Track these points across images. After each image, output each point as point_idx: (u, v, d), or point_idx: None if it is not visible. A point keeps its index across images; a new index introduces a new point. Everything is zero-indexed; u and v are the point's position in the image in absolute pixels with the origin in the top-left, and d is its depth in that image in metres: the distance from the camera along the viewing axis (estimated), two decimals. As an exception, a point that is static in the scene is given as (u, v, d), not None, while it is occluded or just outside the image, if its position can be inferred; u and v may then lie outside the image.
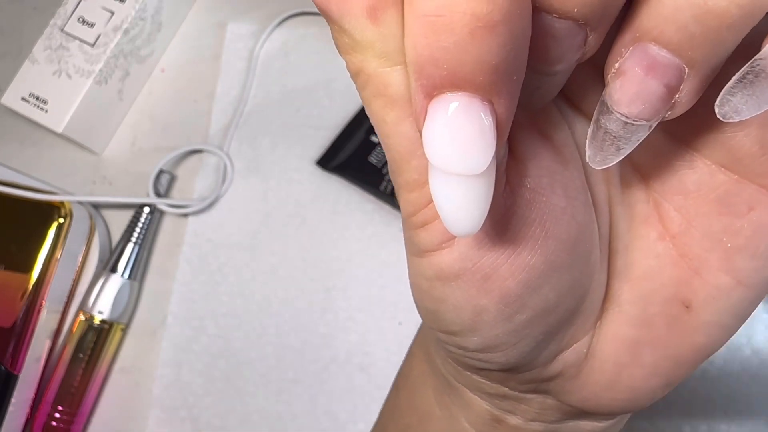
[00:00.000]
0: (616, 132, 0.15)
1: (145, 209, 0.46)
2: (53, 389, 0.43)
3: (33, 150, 0.50)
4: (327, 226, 0.46)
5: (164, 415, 0.44)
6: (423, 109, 0.14)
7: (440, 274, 0.17)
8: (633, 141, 0.15)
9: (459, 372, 0.22)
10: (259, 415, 0.43)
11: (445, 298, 0.18)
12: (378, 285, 0.44)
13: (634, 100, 0.14)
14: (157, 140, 0.49)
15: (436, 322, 0.19)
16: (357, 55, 0.15)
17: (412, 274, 0.19)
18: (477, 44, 0.12)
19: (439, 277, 0.18)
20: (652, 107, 0.14)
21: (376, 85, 0.15)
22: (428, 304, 0.19)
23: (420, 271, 0.18)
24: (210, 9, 0.52)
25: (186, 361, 0.45)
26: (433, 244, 0.17)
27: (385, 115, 0.15)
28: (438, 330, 0.19)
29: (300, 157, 0.47)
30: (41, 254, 0.43)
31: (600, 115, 0.15)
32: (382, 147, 0.16)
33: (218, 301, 0.45)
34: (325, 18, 0.15)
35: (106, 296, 0.44)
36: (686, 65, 0.14)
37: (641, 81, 0.14)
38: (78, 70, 0.46)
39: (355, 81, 0.15)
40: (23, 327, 0.42)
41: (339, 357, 0.44)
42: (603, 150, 0.16)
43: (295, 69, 0.49)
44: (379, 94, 0.15)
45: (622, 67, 0.14)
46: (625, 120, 0.15)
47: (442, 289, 0.18)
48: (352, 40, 0.14)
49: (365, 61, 0.15)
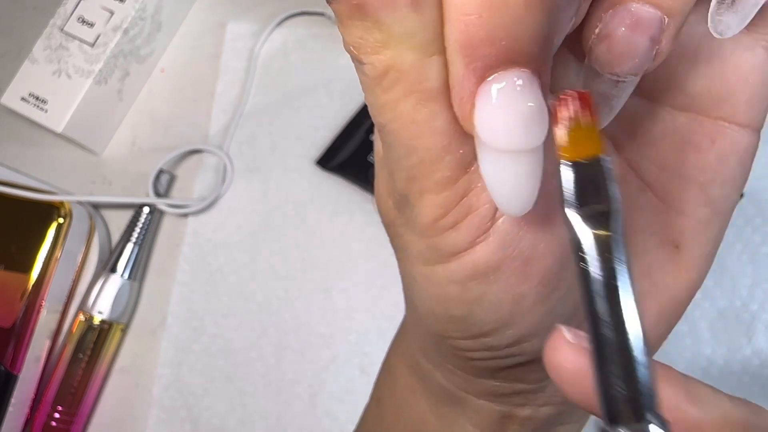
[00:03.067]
0: (608, 92, 0.16)
1: (145, 209, 0.46)
2: (53, 389, 0.43)
3: (33, 150, 0.50)
4: (327, 226, 0.46)
5: (164, 415, 0.44)
6: (472, 93, 0.13)
7: (476, 271, 0.17)
8: (624, 97, 0.16)
9: (469, 381, 0.22)
10: (259, 415, 0.43)
11: (482, 296, 0.18)
12: (378, 285, 0.44)
13: (623, 58, 0.15)
14: (157, 140, 0.49)
15: (464, 328, 0.19)
16: (388, 52, 0.14)
17: (433, 285, 0.18)
18: (531, 16, 0.13)
19: (474, 276, 0.17)
20: (640, 62, 0.15)
21: (410, 80, 0.14)
22: (457, 311, 0.18)
23: (448, 276, 0.17)
24: (210, 9, 0.52)
25: (186, 361, 0.44)
26: (466, 242, 0.17)
27: (416, 114, 0.15)
28: (464, 337, 0.19)
29: (300, 157, 0.47)
30: (41, 254, 0.43)
31: (588, 81, 0.16)
32: (402, 154, 0.16)
33: (218, 301, 0.45)
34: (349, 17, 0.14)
35: (105, 296, 0.44)
36: (666, 15, 0.15)
37: (628, 39, 0.15)
38: (78, 70, 0.46)
39: (377, 85, 0.15)
40: (23, 327, 0.42)
41: (339, 357, 0.44)
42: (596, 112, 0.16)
43: (295, 69, 0.49)
44: (411, 91, 0.14)
45: (605, 30, 0.15)
46: (616, 79, 0.15)
47: (479, 287, 0.17)
48: (387, 33, 0.14)
49: (399, 56, 0.14)
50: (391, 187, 0.18)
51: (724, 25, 0.15)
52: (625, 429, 0.12)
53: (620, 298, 0.12)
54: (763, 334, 0.40)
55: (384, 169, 0.18)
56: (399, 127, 0.15)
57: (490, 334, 0.18)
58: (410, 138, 0.15)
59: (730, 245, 0.41)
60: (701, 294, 0.41)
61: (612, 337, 0.12)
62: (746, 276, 0.41)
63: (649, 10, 0.15)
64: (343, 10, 0.14)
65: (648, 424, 0.12)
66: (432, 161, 0.15)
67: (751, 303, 0.41)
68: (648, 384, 0.12)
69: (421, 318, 0.20)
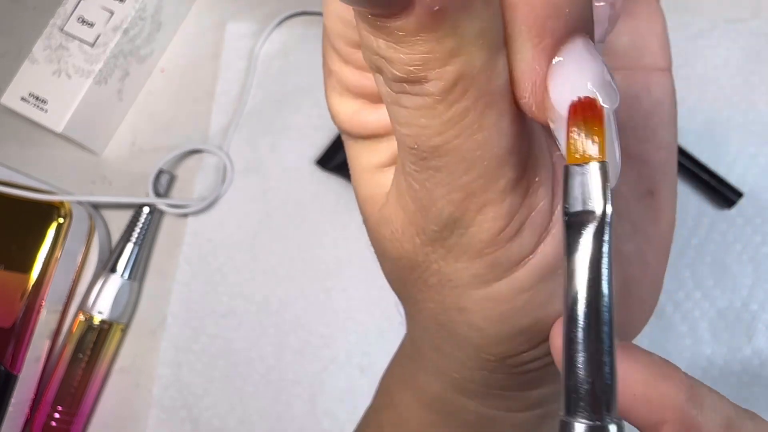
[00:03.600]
0: None
1: (145, 209, 0.46)
2: (53, 389, 0.43)
3: (33, 150, 0.50)
4: (327, 226, 0.46)
5: (164, 415, 0.44)
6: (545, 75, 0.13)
7: (545, 271, 0.17)
8: None
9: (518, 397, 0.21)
10: (259, 415, 0.43)
11: (551, 294, 0.17)
12: (378, 285, 0.44)
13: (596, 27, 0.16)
14: (157, 140, 0.49)
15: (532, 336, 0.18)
16: (461, 58, 0.13)
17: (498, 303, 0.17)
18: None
19: (544, 276, 0.17)
20: (603, 27, 0.16)
21: (481, 83, 0.14)
22: (525, 320, 0.17)
23: (518, 287, 0.17)
24: (210, 9, 0.52)
25: (186, 361, 0.44)
26: (532, 244, 0.16)
27: (484, 120, 0.14)
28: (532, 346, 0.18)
29: (300, 157, 0.47)
30: (41, 254, 0.43)
31: None
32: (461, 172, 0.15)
33: (218, 301, 0.45)
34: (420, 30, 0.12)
35: (105, 296, 0.44)
36: None
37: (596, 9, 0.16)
38: (78, 69, 0.46)
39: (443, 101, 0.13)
40: (23, 327, 0.42)
41: (339, 357, 0.44)
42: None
43: (295, 69, 0.49)
44: (481, 95, 0.14)
45: None
46: None
47: (548, 286, 0.17)
48: (461, 38, 0.13)
49: (471, 60, 0.13)
50: (424, 223, 0.16)
51: None
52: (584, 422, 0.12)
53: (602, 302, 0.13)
54: (763, 334, 0.40)
55: (407, 208, 0.17)
56: (463, 140, 0.14)
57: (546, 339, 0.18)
58: (476, 149, 0.14)
59: (730, 245, 0.41)
60: (701, 294, 0.41)
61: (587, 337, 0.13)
62: (746, 276, 0.41)
63: None
64: (412, 26, 0.12)
65: (607, 422, 0.12)
66: (497, 167, 0.15)
67: (751, 303, 0.41)
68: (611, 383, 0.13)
69: (477, 348, 0.19)
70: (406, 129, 0.15)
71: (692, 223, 0.42)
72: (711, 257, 0.41)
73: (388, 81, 0.14)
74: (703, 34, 0.45)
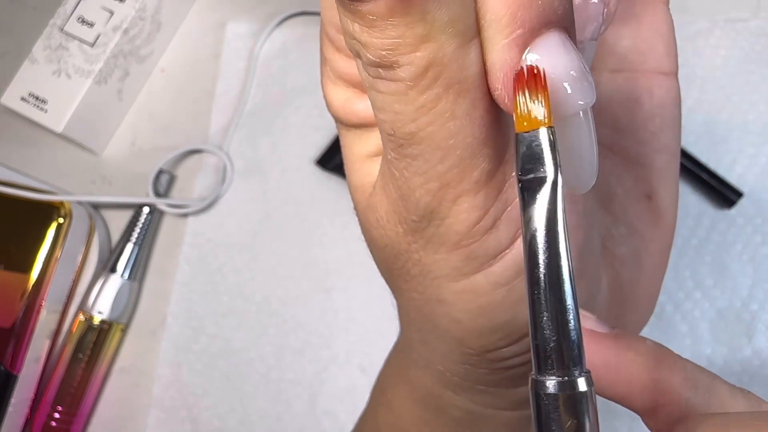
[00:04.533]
0: None
1: (145, 209, 0.46)
2: (53, 389, 0.43)
3: (33, 150, 0.50)
4: (327, 226, 0.46)
5: (164, 415, 0.44)
6: (516, 65, 0.13)
7: (522, 267, 0.16)
8: (588, 60, 0.17)
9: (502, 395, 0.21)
10: (258, 416, 0.43)
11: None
12: (378, 285, 0.44)
13: (585, 23, 0.16)
14: (157, 140, 0.49)
15: (509, 332, 0.18)
16: (431, 45, 0.13)
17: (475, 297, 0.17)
18: None
19: (520, 272, 0.17)
20: (599, 24, 0.16)
21: (452, 72, 0.14)
22: (503, 315, 0.18)
23: (493, 281, 0.17)
24: (210, 9, 0.52)
25: (186, 361, 0.44)
26: (508, 239, 0.16)
27: (456, 108, 0.14)
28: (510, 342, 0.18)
29: (300, 157, 0.47)
30: (41, 254, 0.43)
31: None
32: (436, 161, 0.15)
33: (218, 301, 0.45)
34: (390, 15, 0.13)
35: (105, 296, 0.44)
36: None
37: (587, 6, 0.16)
38: (77, 69, 0.46)
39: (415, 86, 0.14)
40: (23, 327, 0.42)
41: (339, 357, 0.44)
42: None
43: (295, 69, 0.49)
44: (452, 83, 0.14)
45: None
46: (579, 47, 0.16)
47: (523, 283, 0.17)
48: (431, 24, 0.13)
49: (441, 47, 0.13)
50: (404, 212, 0.17)
51: None
52: (553, 378, 0.13)
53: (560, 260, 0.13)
54: (763, 334, 0.40)
55: (390, 196, 0.17)
56: (437, 128, 0.14)
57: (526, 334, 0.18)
58: (448, 137, 0.14)
59: (730, 245, 0.41)
60: (701, 294, 0.41)
61: (549, 297, 0.13)
62: (746, 276, 0.41)
63: None
64: (382, 10, 0.13)
65: (575, 376, 0.13)
66: (471, 157, 0.15)
67: (751, 303, 0.41)
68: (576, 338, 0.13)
69: (458, 341, 0.19)
70: (383, 114, 0.15)
71: (692, 223, 0.42)
72: (711, 257, 0.41)
73: (365, 66, 0.14)
74: (703, 34, 0.45)
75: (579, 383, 0.13)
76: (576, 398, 0.13)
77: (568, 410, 0.13)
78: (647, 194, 0.22)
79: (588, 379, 0.13)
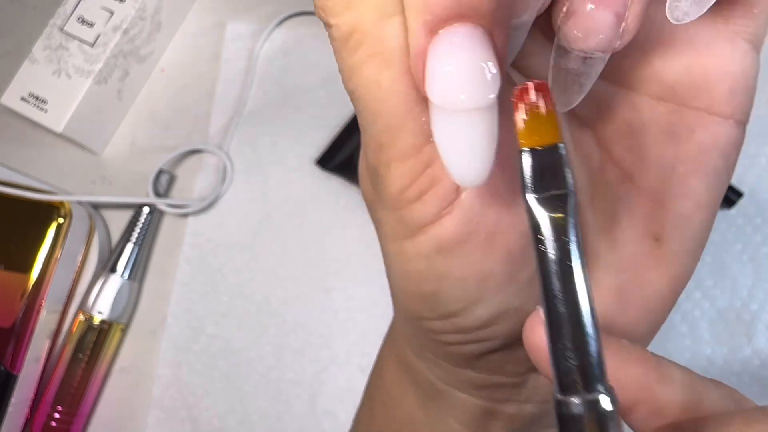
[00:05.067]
0: (577, 69, 0.16)
1: (145, 209, 0.46)
2: (53, 389, 0.43)
3: (33, 150, 0.50)
4: (327, 226, 0.46)
5: (164, 415, 0.44)
6: (424, 49, 0.14)
7: (442, 245, 0.17)
8: (593, 75, 0.16)
9: (450, 372, 0.22)
10: (258, 415, 0.43)
11: (448, 271, 0.18)
12: (378, 285, 0.44)
13: (589, 33, 0.15)
14: (157, 140, 0.49)
15: (435, 305, 0.19)
16: (352, 13, 0.14)
17: (404, 261, 0.18)
18: None
19: (440, 250, 0.17)
20: (606, 38, 0.15)
21: (373, 42, 0.15)
22: (426, 287, 0.18)
23: (416, 251, 0.18)
24: (210, 9, 0.52)
25: (186, 361, 0.44)
26: (432, 214, 0.17)
27: (379, 77, 0.15)
28: (436, 316, 0.19)
29: (300, 157, 0.47)
30: (41, 254, 0.43)
31: (558, 59, 0.16)
32: (370, 120, 0.16)
33: (218, 301, 0.45)
34: None
35: (105, 296, 0.44)
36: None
37: (593, 14, 0.15)
38: (77, 69, 0.46)
39: (344, 47, 0.15)
40: (23, 327, 0.42)
41: (339, 357, 0.44)
42: (567, 91, 0.17)
43: (295, 69, 0.49)
44: (374, 53, 0.15)
45: (572, 7, 0.15)
46: (584, 55, 0.16)
47: (444, 262, 0.17)
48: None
49: (362, 16, 0.14)
50: (365, 166, 0.18)
51: (680, 11, 0.16)
52: (577, 398, 0.13)
53: (574, 276, 0.13)
54: (763, 334, 0.40)
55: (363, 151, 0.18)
56: (365, 92, 0.15)
57: (459, 314, 0.18)
58: (375, 102, 0.15)
59: (730, 245, 0.41)
60: (701, 294, 0.41)
61: (565, 312, 0.13)
62: (746, 276, 0.41)
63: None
64: None
65: (598, 394, 0.13)
66: (397, 127, 0.16)
67: (751, 303, 0.41)
68: (597, 356, 0.13)
69: (396, 298, 0.20)
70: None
71: (692, 223, 0.42)
72: (711, 257, 0.41)
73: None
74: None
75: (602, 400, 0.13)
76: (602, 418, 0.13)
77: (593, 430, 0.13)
78: (656, 236, 0.20)
79: (612, 398, 0.13)
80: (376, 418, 0.27)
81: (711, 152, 0.19)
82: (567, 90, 0.17)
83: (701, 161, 0.19)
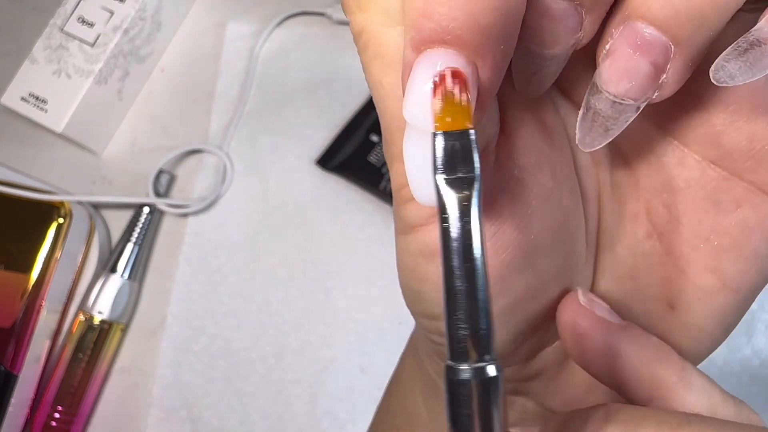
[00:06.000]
0: (605, 112, 0.15)
1: (145, 209, 0.46)
2: (53, 389, 0.43)
3: (33, 150, 0.50)
4: (327, 226, 0.46)
5: (164, 415, 0.44)
6: (409, 64, 0.14)
7: (424, 249, 0.17)
8: (621, 122, 0.15)
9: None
10: (258, 415, 0.43)
11: (428, 276, 0.18)
12: (378, 285, 0.44)
13: (621, 78, 0.15)
14: (157, 140, 0.49)
15: (419, 303, 0.19)
16: (361, 14, 0.15)
17: (399, 252, 0.18)
18: (471, 2, 0.13)
19: (423, 254, 0.17)
20: (639, 86, 0.15)
21: (376, 45, 0.15)
22: (413, 283, 0.18)
23: (406, 247, 0.18)
24: (210, 9, 0.52)
25: (186, 361, 0.44)
26: (421, 218, 0.17)
27: (382, 78, 0.15)
28: (421, 314, 0.19)
29: (300, 157, 0.47)
30: (41, 254, 0.43)
31: (590, 96, 0.16)
32: (379, 115, 0.16)
33: (218, 301, 0.45)
34: None
35: (105, 296, 0.44)
36: (672, 43, 0.14)
37: (629, 59, 0.14)
38: (78, 69, 0.46)
39: (356, 44, 0.16)
40: (23, 327, 0.42)
41: (339, 357, 0.44)
42: (592, 131, 0.16)
43: (295, 69, 0.49)
44: (377, 56, 0.15)
45: (612, 47, 0.15)
46: (613, 99, 0.15)
47: (426, 266, 0.18)
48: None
49: (369, 19, 0.15)
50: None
51: (726, 72, 0.14)
52: (466, 365, 0.14)
53: (473, 254, 0.14)
54: (763, 334, 0.40)
55: None
56: (372, 87, 0.16)
57: (439, 318, 0.18)
58: (380, 100, 0.16)
59: (730, 245, 0.41)
60: (701, 294, 0.41)
61: (461, 287, 0.14)
62: (746, 276, 0.41)
63: (653, 33, 0.14)
64: None
65: (486, 364, 0.14)
66: (396, 128, 0.16)
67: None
68: (487, 329, 0.14)
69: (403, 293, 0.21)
70: None
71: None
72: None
73: None
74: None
75: (488, 370, 0.14)
76: (486, 383, 0.14)
77: (479, 395, 0.14)
78: (670, 303, 0.19)
79: (498, 368, 0.14)
80: (391, 408, 0.27)
81: (754, 232, 0.17)
82: (591, 130, 0.16)
83: (739, 240, 0.17)
